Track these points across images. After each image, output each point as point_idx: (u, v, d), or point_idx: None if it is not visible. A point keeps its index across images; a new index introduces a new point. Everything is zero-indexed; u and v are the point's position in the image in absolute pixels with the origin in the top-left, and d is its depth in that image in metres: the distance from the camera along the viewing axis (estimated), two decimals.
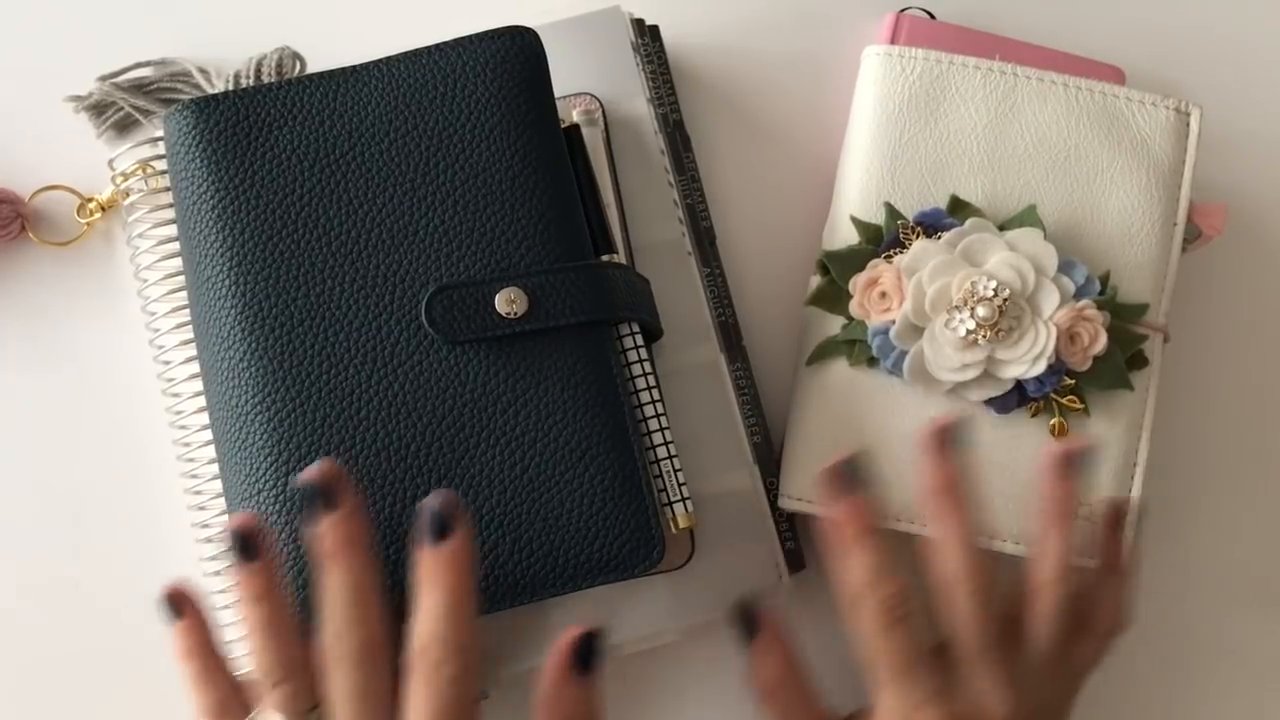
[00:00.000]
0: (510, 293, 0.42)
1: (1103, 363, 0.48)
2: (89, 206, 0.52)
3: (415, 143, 0.44)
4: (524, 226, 0.43)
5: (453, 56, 0.45)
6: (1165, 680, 0.53)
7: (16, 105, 0.53)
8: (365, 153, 0.44)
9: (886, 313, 0.48)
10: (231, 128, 0.44)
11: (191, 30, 0.55)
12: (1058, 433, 0.48)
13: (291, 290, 0.43)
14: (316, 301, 0.43)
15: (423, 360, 0.43)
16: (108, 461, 0.51)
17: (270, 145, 0.44)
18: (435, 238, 0.43)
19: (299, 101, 0.44)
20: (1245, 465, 0.55)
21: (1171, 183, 0.50)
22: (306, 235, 0.43)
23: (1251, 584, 0.54)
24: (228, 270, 0.43)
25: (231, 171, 0.44)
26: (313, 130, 0.44)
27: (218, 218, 0.44)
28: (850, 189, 0.50)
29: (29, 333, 0.52)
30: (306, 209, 0.44)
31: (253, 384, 0.43)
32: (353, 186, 0.44)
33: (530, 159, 0.44)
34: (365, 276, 0.43)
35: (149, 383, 0.49)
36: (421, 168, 0.44)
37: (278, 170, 0.44)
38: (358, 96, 0.44)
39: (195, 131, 0.44)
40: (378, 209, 0.44)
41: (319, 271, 0.43)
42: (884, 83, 0.50)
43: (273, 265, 0.43)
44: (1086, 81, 0.50)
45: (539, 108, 0.45)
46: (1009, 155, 0.50)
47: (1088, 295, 0.48)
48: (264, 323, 0.43)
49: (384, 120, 0.44)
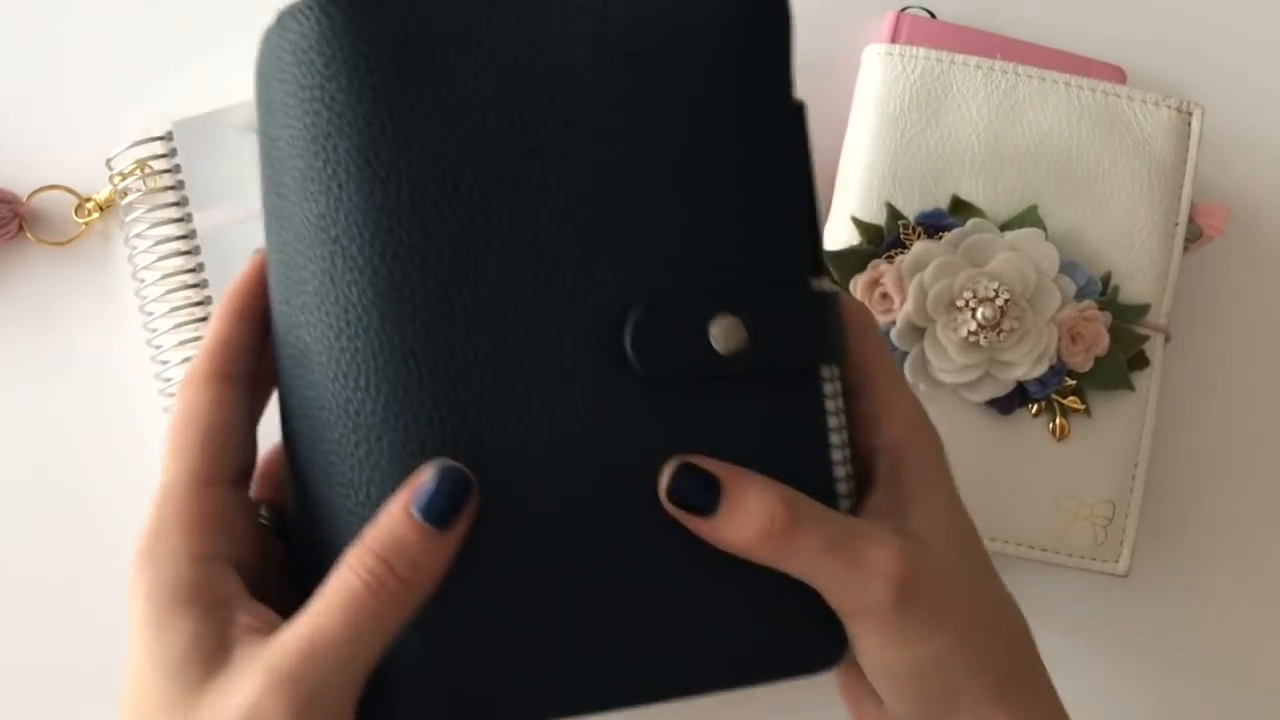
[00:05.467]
0: (729, 321, 0.32)
1: (1104, 363, 0.48)
2: (87, 206, 0.51)
3: (636, 105, 0.33)
4: (753, 232, 0.33)
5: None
6: (1167, 680, 0.53)
7: (15, 105, 0.53)
8: (569, 109, 0.32)
9: (888, 314, 0.48)
10: (398, 44, 0.32)
11: (192, 28, 0.55)
12: (1059, 433, 0.48)
13: (454, 277, 0.32)
14: (485, 295, 0.32)
15: (605, 389, 0.32)
16: (105, 461, 0.50)
17: (448, 77, 0.32)
18: (644, 234, 0.32)
19: (489, 21, 0.32)
20: (1247, 465, 0.55)
21: (1173, 183, 0.50)
22: (482, 206, 0.32)
23: (1254, 584, 0.54)
24: (369, 235, 0.31)
25: (394, 103, 0.32)
26: (504, 66, 0.32)
27: (366, 161, 0.32)
28: (851, 189, 0.50)
29: (27, 333, 0.51)
30: (485, 172, 0.32)
31: (385, 388, 0.31)
32: (548, 152, 0.32)
33: (768, 145, 0.34)
34: (549, 270, 0.32)
35: (146, 383, 0.49)
36: (640, 140, 0.33)
37: (455, 113, 0.32)
38: (568, 30, 0.33)
39: (347, 38, 0.32)
40: (575, 187, 0.32)
41: (493, 255, 0.32)
42: (885, 82, 0.50)
43: (432, 240, 0.32)
44: (1088, 81, 0.50)
45: (781, 81, 0.35)
46: (1010, 155, 0.50)
47: (1089, 296, 0.48)
48: (412, 311, 0.31)
49: (593, 69, 0.33)
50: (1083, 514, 0.48)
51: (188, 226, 0.49)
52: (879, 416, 0.35)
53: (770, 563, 0.32)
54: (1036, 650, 0.37)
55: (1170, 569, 0.53)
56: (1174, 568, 0.53)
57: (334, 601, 0.29)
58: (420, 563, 0.30)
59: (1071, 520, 0.48)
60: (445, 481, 0.30)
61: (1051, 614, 0.53)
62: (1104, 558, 0.48)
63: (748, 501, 0.31)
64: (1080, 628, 0.53)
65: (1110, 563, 0.48)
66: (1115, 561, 0.48)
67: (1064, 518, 0.48)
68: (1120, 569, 0.48)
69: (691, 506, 0.31)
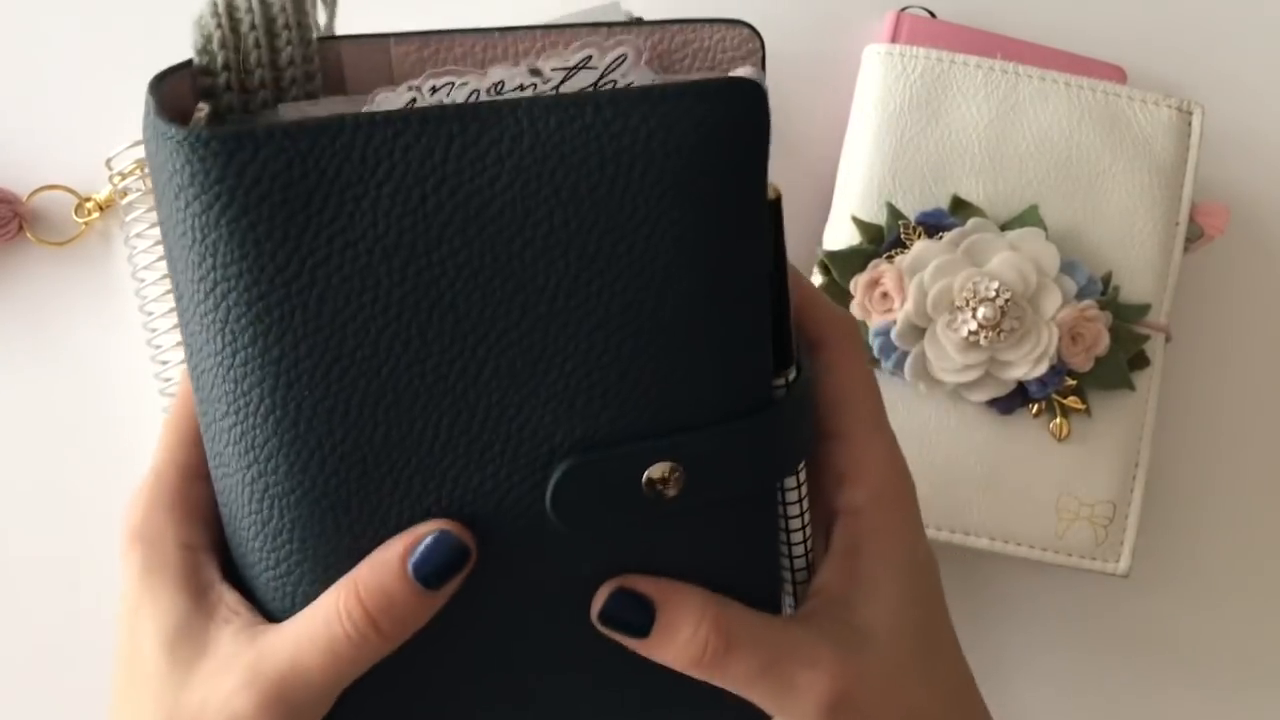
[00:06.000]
0: (664, 468, 0.30)
1: (1105, 363, 0.48)
2: (87, 206, 0.51)
3: (560, 238, 0.28)
4: (696, 372, 0.30)
5: (634, 118, 0.28)
6: (1166, 680, 0.53)
7: (15, 105, 0.53)
8: (483, 246, 0.28)
9: (888, 313, 0.48)
10: (282, 189, 0.27)
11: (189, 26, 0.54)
12: (1060, 433, 0.48)
13: (364, 430, 0.29)
14: (397, 447, 0.29)
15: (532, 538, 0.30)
16: (105, 461, 0.50)
17: (340, 223, 0.28)
18: (571, 376, 0.29)
19: (387, 157, 0.28)
20: (1248, 464, 0.55)
21: (1173, 182, 0.50)
22: (386, 358, 0.29)
23: (1255, 583, 0.54)
24: (269, 390, 0.29)
25: (284, 256, 0.28)
26: (406, 205, 0.28)
27: (257, 318, 0.28)
28: (851, 188, 0.50)
29: (27, 332, 0.51)
30: (387, 321, 0.29)
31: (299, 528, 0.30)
32: (460, 293, 0.28)
33: (725, 277, 0.30)
34: (465, 421, 0.29)
35: (146, 382, 0.49)
36: (566, 277, 0.29)
37: (354, 259, 0.28)
38: (479, 158, 0.28)
39: (220, 188, 0.27)
40: (493, 329, 0.29)
41: (404, 408, 0.29)
42: (885, 82, 0.50)
43: (339, 393, 0.29)
44: (1088, 81, 0.50)
45: (752, 204, 0.30)
46: (1011, 155, 0.50)
47: (1090, 295, 0.48)
48: (322, 465, 0.29)
49: (517, 200, 0.28)
50: (1083, 514, 0.48)
51: None
52: (846, 474, 0.33)
53: (705, 679, 0.32)
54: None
55: (1170, 569, 0.53)
56: (1174, 568, 0.53)
57: (318, 639, 0.30)
58: (405, 620, 0.30)
59: (1071, 520, 0.48)
60: (443, 545, 0.30)
61: (1051, 614, 0.53)
62: (1104, 558, 0.48)
63: (681, 625, 0.31)
64: (1080, 628, 0.53)
65: (1110, 563, 0.48)
66: (1115, 561, 0.48)
67: (1064, 518, 0.48)
68: (1120, 569, 0.48)
69: (625, 627, 0.32)
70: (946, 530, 0.48)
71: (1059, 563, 0.48)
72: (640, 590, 0.31)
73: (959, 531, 0.48)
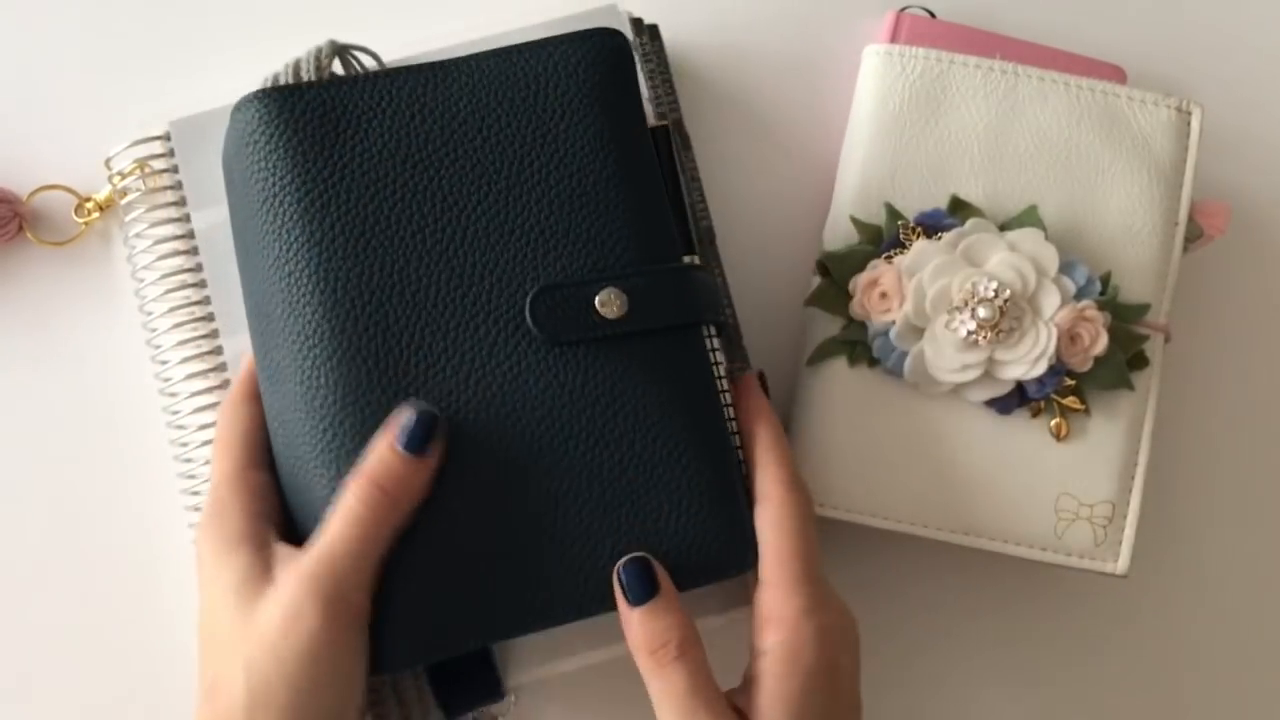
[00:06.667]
0: (610, 293, 0.42)
1: (1104, 363, 0.48)
2: (86, 206, 0.51)
3: (507, 142, 0.43)
4: (618, 227, 0.43)
5: (543, 56, 0.44)
6: (1166, 680, 0.53)
7: (15, 105, 0.53)
8: (456, 151, 0.43)
9: (887, 313, 0.48)
10: (319, 119, 0.42)
11: (191, 28, 0.55)
12: (1059, 433, 0.48)
13: (385, 289, 0.41)
14: (411, 301, 0.41)
15: (521, 361, 0.41)
16: (104, 460, 0.50)
17: (359, 140, 0.42)
18: (531, 237, 0.42)
19: (386, 96, 0.43)
20: (1247, 464, 0.55)
21: (1173, 182, 0.50)
22: (400, 233, 0.42)
23: (1255, 583, 0.54)
24: (315, 267, 0.41)
25: (320, 164, 0.42)
26: (402, 126, 0.42)
27: (304, 211, 0.41)
28: (850, 189, 0.50)
29: (26, 332, 0.51)
30: (398, 206, 0.42)
31: (341, 385, 0.40)
32: (445, 184, 0.42)
33: (623, 160, 0.43)
34: (461, 275, 0.42)
35: (146, 382, 0.49)
36: (514, 167, 0.43)
37: (368, 165, 0.42)
38: (447, 93, 0.43)
39: (279, 121, 0.42)
40: (471, 208, 0.42)
41: (413, 270, 0.41)
42: (884, 82, 0.50)
43: (365, 263, 0.41)
44: (1088, 81, 0.50)
45: (629, 110, 0.44)
46: (1010, 155, 0.50)
47: (1089, 296, 0.48)
48: (356, 321, 0.41)
49: (475, 119, 0.43)
50: (1083, 514, 0.48)
51: (187, 226, 0.49)
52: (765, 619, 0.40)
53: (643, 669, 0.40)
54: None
55: (1170, 569, 0.53)
56: (1174, 568, 0.53)
57: (343, 519, 0.38)
58: (406, 482, 0.39)
59: (1071, 520, 0.48)
60: (420, 418, 0.39)
61: (1051, 614, 0.53)
62: (1103, 558, 0.48)
63: (661, 620, 0.39)
64: (1080, 628, 0.53)
65: (1109, 563, 0.48)
66: (1115, 561, 0.48)
67: (1064, 518, 0.48)
68: (1119, 570, 0.48)
69: (626, 589, 0.40)
70: (947, 530, 0.48)
71: (1058, 563, 0.48)
72: (658, 576, 0.40)
73: (959, 531, 0.48)
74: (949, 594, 0.52)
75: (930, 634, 0.52)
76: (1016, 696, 0.52)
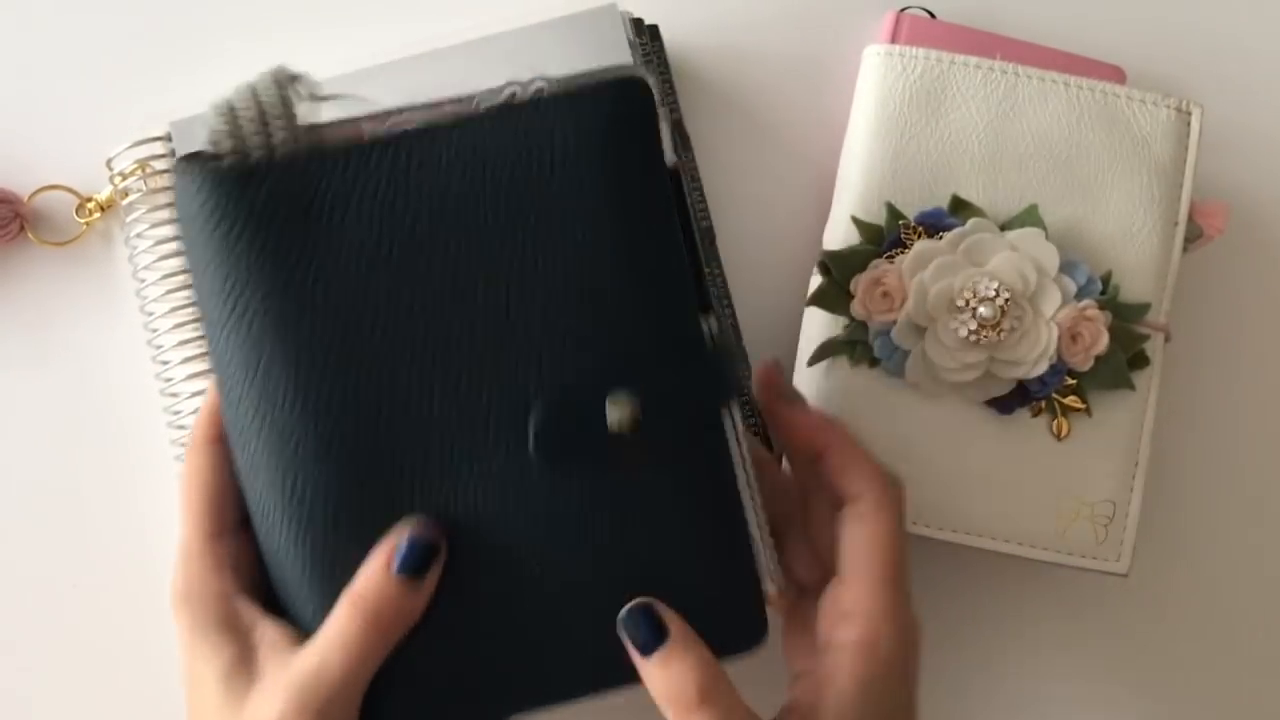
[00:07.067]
0: (622, 402, 0.36)
1: (1104, 363, 0.48)
2: (88, 206, 0.51)
3: (507, 227, 0.36)
4: (633, 323, 0.37)
5: (551, 120, 0.36)
6: (1166, 680, 0.53)
7: (15, 105, 0.53)
8: (448, 237, 0.36)
9: (888, 313, 0.48)
10: (285, 208, 0.36)
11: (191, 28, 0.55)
12: (1060, 433, 0.48)
13: (373, 402, 0.36)
14: (402, 411, 0.36)
15: (524, 475, 0.37)
16: (105, 461, 0.50)
17: (333, 229, 0.36)
18: (533, 335, 0.36)
19: (363, 173, 0.36)
20: (1248, 463, 0.55)
21: (1172, 182, 0.50)
22: (386, 336, 0.36)
23: (1253, 584, 0.54)
24: (292, 385, 0.36)
25: (291, 265, 0.36)
26: (385, 209, 0.36)
27: (276, 323, 0.36)
28: (851, 189, 0.50)
29: (27, 333, 0.51)
30: (383, 305, 0.36)
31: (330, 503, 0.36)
32: (436, 277, 0.36)
33: (641, 250, 0.37)
34: (456, 383, 0.36)
35: (147, 382, 0.49)
36: (515, 256, 0.36)
37: (346, 260, 0.36)
38: (436, 168, 0.36)
39: (237, 212, 0.35)
40: (466, 304, 0.36)
41: (402, 379, 0.36)
42: (885, 82, 0.50)
43: (348, 375, 0.36)
44: (1087, 81, 0.50)
45: (651, 187, 0.37)
46: (1010, 155, 0.50)
47: (1089, 295, 0.48)
48: (341, 441, 0.36)
49: (469, 199, 0.36)
50: (1083, 513, 0.48)
51: None
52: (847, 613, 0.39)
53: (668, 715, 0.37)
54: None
55: (1170, 569, 0.53)
56: (1174, 568, 0.53)
57: (334, 640, 0.36)
58: (401, 610, 0.36)
59: (1072, 519, 0.48)
60: (417, 545, 0.36)
61: (1051, 614, 0.53)
62: (1104, 557, 0.48)
63: (675, 666, 0.37)
64: (1080, 628, 0.53)
65: (1110, 562, 0.48)
66: (1115, 561, 0.48)
67: (1064, 517, 0.48)
68: (1120, 569, 0.48)
69: (635, 640, 0.37)
70: (947, 530, 0.48)
71: (1059, 562, 0.48)
72: (663, 618, 0.37)
73: (959, 531, 0.48)
74: (949, 592, 0.52)
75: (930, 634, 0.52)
76: (1015, 695, 0.52)
